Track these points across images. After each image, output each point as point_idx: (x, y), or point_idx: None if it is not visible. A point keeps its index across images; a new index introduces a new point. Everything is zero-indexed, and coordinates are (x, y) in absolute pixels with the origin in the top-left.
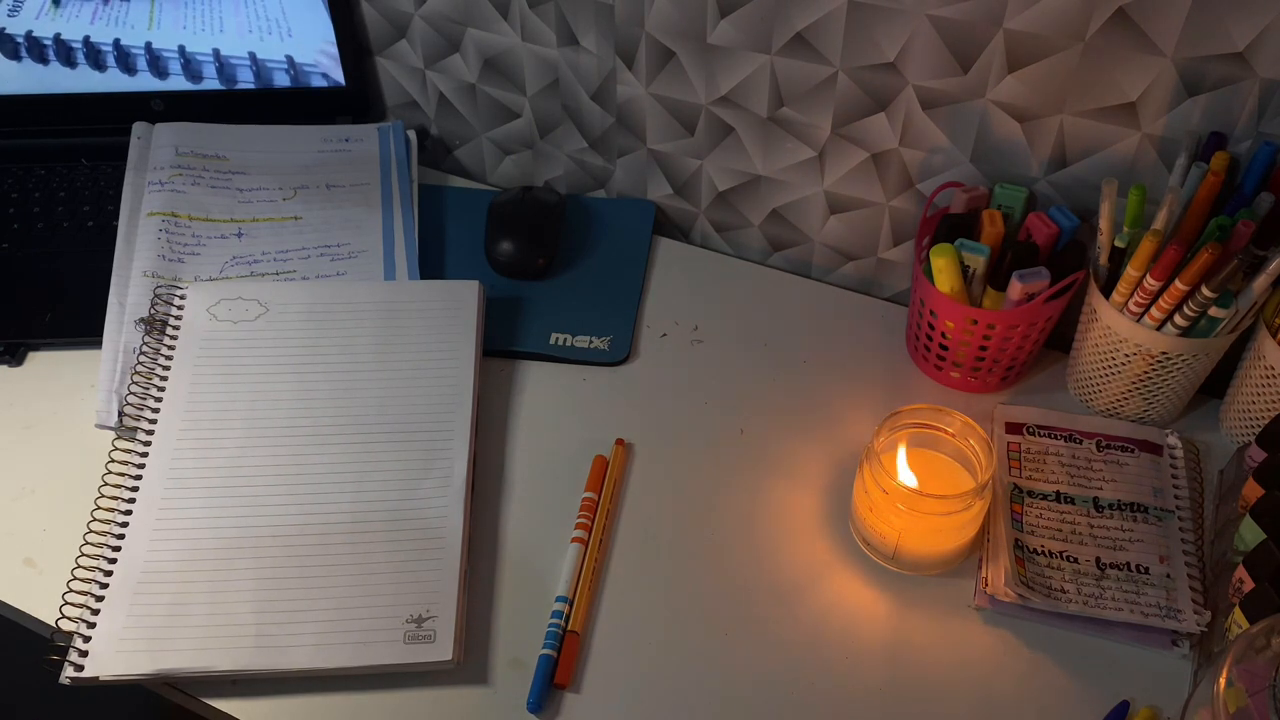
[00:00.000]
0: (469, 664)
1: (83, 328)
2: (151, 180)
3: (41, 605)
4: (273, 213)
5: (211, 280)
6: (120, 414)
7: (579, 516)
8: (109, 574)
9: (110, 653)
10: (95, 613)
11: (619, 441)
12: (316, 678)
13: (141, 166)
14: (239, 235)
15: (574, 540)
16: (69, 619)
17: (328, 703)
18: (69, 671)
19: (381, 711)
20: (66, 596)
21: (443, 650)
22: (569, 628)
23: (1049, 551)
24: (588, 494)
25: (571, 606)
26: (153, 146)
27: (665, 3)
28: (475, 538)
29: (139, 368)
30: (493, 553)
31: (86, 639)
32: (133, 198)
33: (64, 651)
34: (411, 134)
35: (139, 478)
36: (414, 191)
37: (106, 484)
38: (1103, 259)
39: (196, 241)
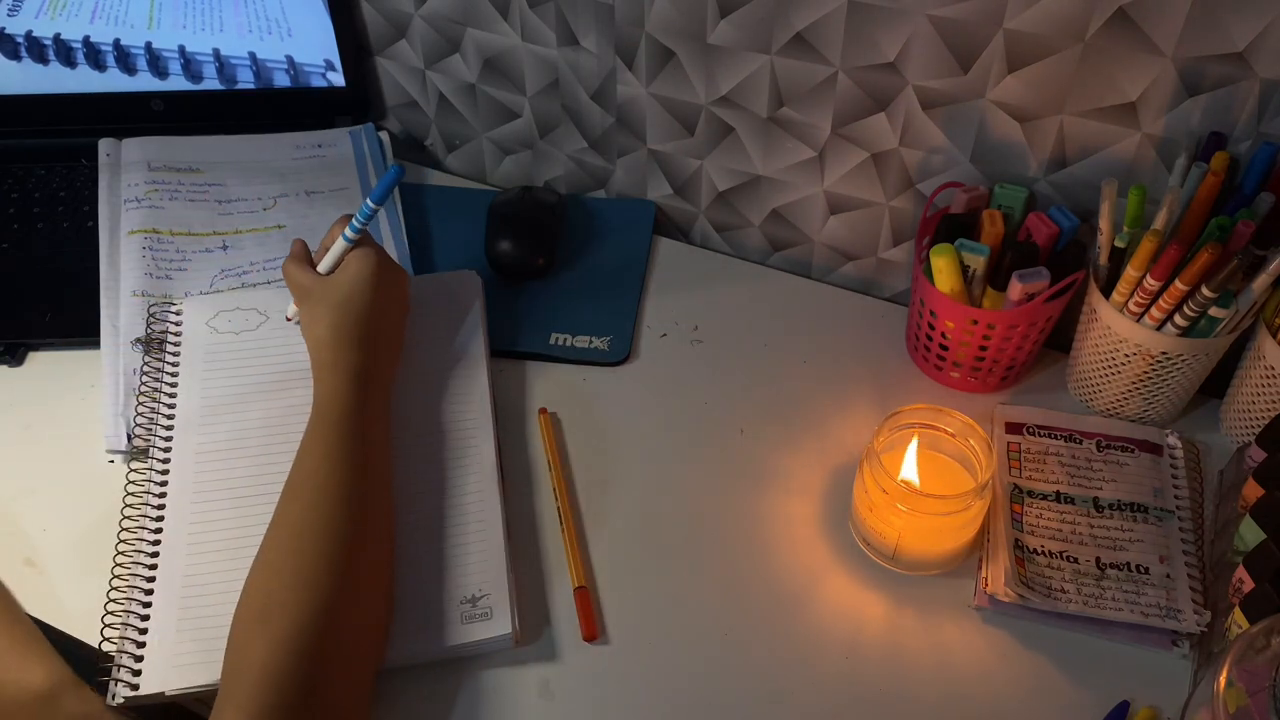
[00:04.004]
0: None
1: (83, 328)
2: (127, 198)
3: (42, 606)
4: (255, 223)
5: (203, 294)
6: (129, 436)
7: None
8: (149, 592)
9: (167, 668)
10: (142, 631)
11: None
12: None
13: (114, 185)
14: (224, 248)
15: None
16: (111, 641)
17: None
18: (123, 691)
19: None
20: (105, 619)
21: (501, 625)
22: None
23: (1049, 551)
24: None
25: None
26: (123, 163)
27: (665, 3)
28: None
29: (143, 388)
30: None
31: (138, 658)
32: (110, 217)
33: (109, 672)
34: (384, 135)
35: (164, 495)
36: (395, 191)
37: (129, 505)
38: (1103, 259)
39: (181, 257)
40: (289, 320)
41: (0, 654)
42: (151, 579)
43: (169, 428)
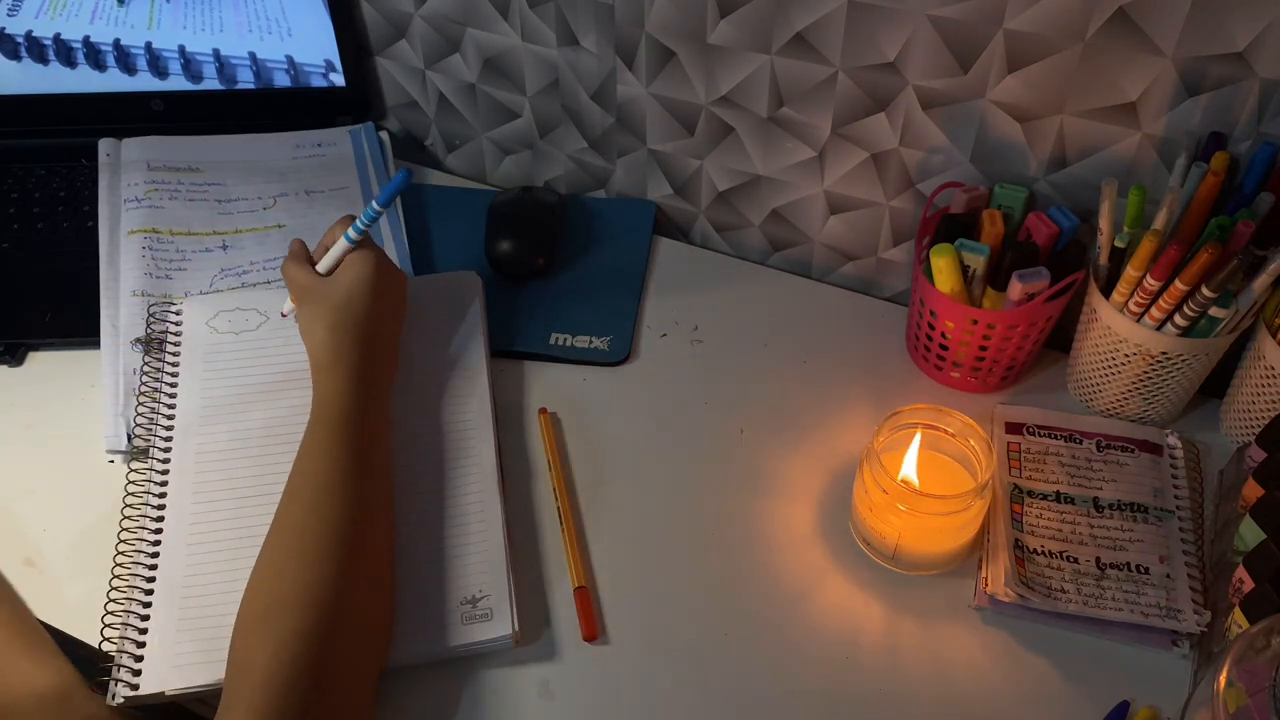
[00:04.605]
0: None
1: (83, 328)
2: (127, 198)
3: (42, 606)
4: (255, 222)
5: (203, 294)
6: (129, 436)
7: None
8: (149, 592)
9: (167, 668)
10: (142, 631)
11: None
12: None
13: (114, 185)
14: (224, 248)
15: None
16: (111, 641)
17: None
18: (123, 691)
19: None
20: (105, 619)
21: (501, 626)
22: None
23: (1049, 551)
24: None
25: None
26: (123, 163)
27: (665, 3)
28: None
29: (143, 388)
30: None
31: (138, 658)
32: (110, 217)
33: (109, 672)
34: (384, 134)
35: (164, 495)
36: None
37: (129, 505)
38: (1103, 259)
39: (181, 256)
40: (284, 316)
41: (10, 656)
42: (151, 579)
43: (169, 428)
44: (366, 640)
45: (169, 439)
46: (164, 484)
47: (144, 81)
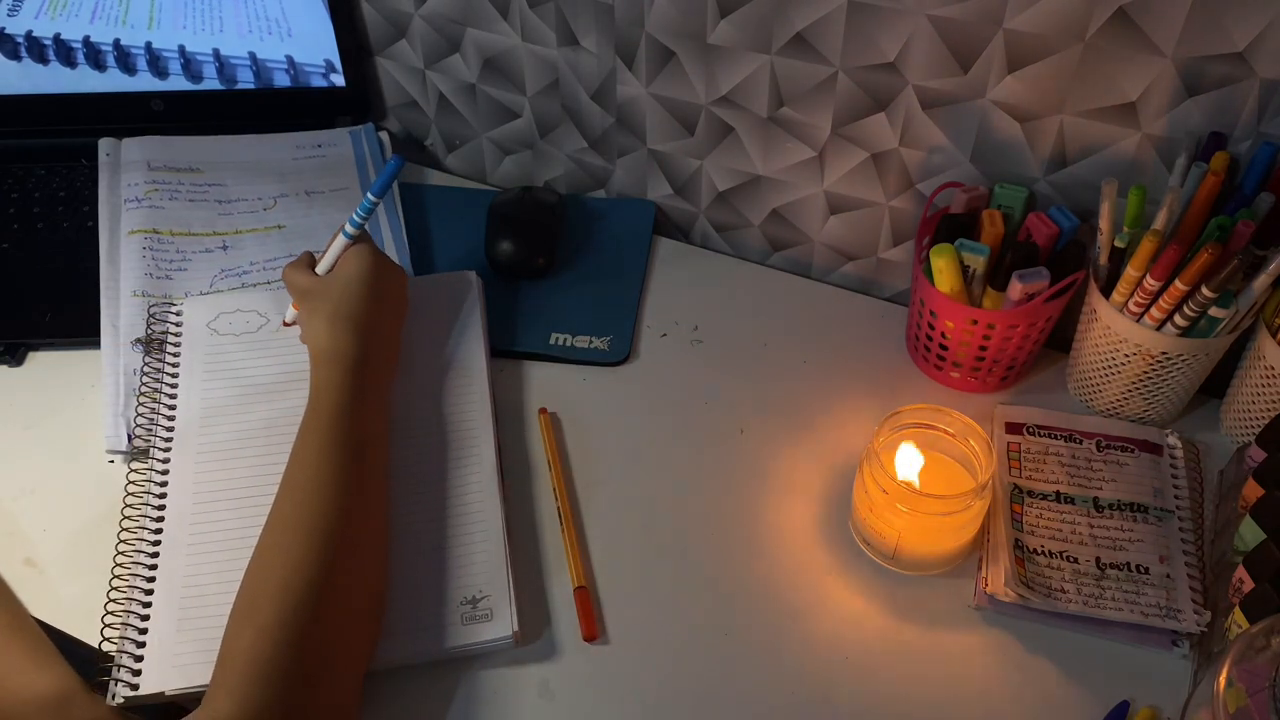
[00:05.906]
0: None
1: (83, 328)
2: (127, 198)
3: (42, 606)
4: (255, 223)
5: (204, 295)
6: (130, 436)
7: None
8: (149, 592)
9: (167, 668)
10: (142, 631)
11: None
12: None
13: (114, 185)
14: (224, 248)
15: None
16: (111, 641)
17: None
18: (123, 691)
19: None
20: (105, 619)
21: (502, 627)
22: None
23: (1049, 551)
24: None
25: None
26: (123, 163)
27: (665, 3)
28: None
29: (144, 388)
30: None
31: (138, 658)
32: (110, 217)
33: (109, 672)
34: (384, 134)
35: (164, 495)
36: (395, 191)
37: (129, 505)
38: (1103, 259)
39: (182, 257)
40: (286, 324)
41: (10, 660)
42: (151, 579)
43: (169, 428)
44: (353, 632)
45: (169, 439)
46: (164, 484)
47: (144, 81)
